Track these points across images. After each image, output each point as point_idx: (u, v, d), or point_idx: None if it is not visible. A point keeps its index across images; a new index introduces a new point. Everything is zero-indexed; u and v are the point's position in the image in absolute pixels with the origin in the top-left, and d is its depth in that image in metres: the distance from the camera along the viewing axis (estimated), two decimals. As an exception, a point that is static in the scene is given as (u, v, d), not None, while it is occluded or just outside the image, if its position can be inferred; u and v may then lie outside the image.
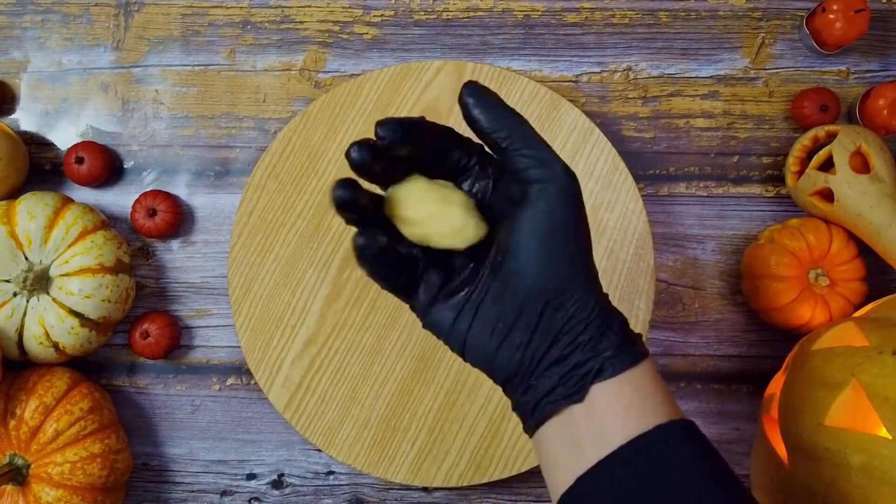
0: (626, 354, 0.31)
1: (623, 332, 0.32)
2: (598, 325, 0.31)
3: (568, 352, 0.31)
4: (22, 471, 0.54)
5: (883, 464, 0.40)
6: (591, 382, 0.31)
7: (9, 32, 0.64)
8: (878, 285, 0.59)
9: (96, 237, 0.56)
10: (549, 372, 0.32)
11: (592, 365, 0.31)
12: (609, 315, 0.32)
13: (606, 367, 0.31)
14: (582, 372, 0.31)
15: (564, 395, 0.31)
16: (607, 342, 0.31)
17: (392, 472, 0.57)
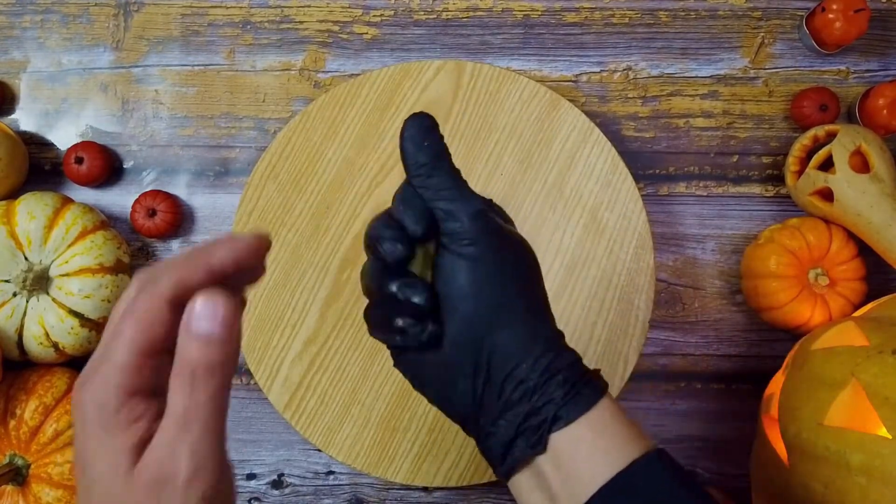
0: (580, 397, 0.30)
1: (574, 373, 0.31)
2: (543, 369, 0.30)
3: (516, 398, 0.30)
4: (22, 471, 0.54)
5: (883, 464, 0.40)
6: (549, 432, 0.30)
7: (8, 32, 0.64)
8: (878, 285, 0.59)
9: (96, 237, 0.56)
10: (504, 419, 0.31)
11: (546, 413, 0.30)
12: (555, 356, 0.31)
13: (561, 414, 0.30)
14: (537, 421, 0.30)
15: (526, 445, 0.30)
16: (556, 387, 0.30)
17: (392, 472, 0.57)
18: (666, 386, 0.61)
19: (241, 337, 0.25)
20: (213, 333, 0.24)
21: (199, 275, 0.26)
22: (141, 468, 0.24)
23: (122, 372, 0.25)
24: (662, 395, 0.61)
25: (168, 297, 0.25)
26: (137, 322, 0.25)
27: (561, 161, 0.59)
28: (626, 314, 0.57)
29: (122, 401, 0.25)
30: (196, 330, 0.24)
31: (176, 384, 0.24)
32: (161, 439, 0.24)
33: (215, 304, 0.24)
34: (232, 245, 0.27)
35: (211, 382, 0.24)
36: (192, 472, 0.24)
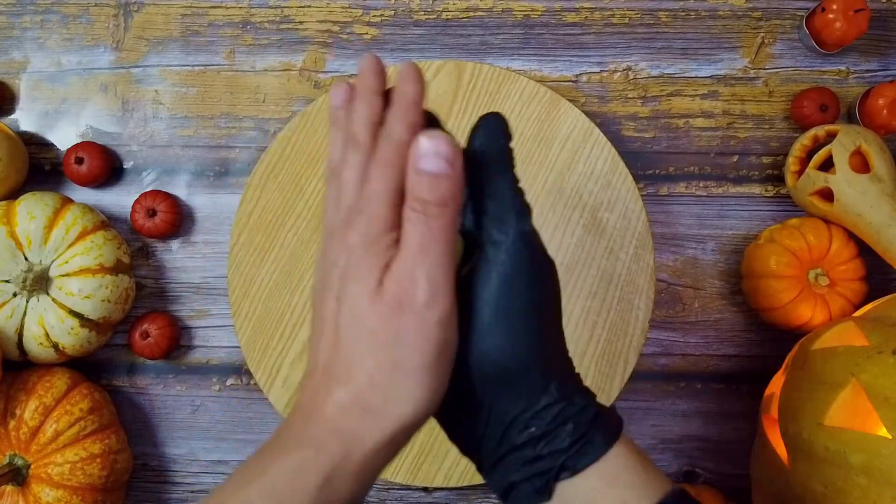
0: (590, 446, 0.28)
1: (584, 420, 0.29)
2: (553, 416, 0.28)
3: (521, 441, 0.29)
4: (22, 471, 0.54)
5: (883, 464, 0.40)
6: (555, 480, 0.28)
7: (8, 33, 0.64)
8: (878, 285, 0.59)
9: (96, 237, 0.56)
10: (509, 460, 0.29)
11: (552, 463, 0.28)
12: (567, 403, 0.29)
13: (568, 464, 0.28)
14: (543, 468, 0.28)
15: (531, 491, 0.29)
16: (564, 436, 0.28)
17: (392, 472, 0.56)
18: (666, 386, 0.61)
19: (462, 173, 0.26)
20: (441, 170, 0.26)
21: (418, 115, 0.28)
22: (385, 287, 0.27)
23: (383, 212, 0.27)
24: (662, 395, 0.61)
25: (407, 142, 0.27)
26: (388, 167, 0.27)
27: (561, 161, 0.59)
28: (626, 314, 0.57)
29: (382, 232, 0.27)
30: (425, 168, 0.26)
31: (412, 218, 0.26)
32: (401, 266, 0.27)
33: (438, 142, 0.26)
34: (419, 77, 0.29)
35: (442, 216, 0.26)
36: (429, 296, 0.26)
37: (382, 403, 0.27)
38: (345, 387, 0.27)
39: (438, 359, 0.27)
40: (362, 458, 0.27)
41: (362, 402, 0.27)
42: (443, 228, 0.26)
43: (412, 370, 0.26)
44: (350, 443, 0.27)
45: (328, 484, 0.26)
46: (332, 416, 0.27)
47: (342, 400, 0.27)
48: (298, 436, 0.27)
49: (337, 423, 0.27)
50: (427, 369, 0.26)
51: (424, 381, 0.27)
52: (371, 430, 0.27)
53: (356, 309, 0.27)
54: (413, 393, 0.27)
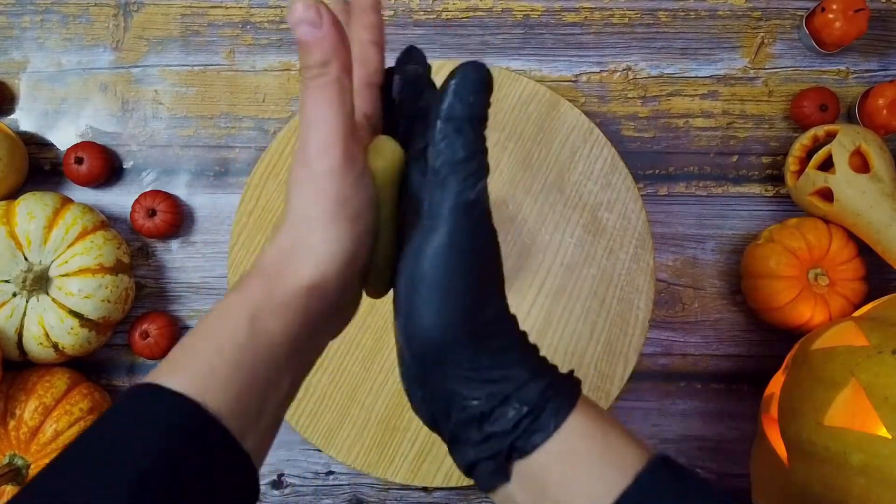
0: (537, 424, 0.27)
1: (530, 394, 0.27)
2: (491, 393, 0.27)
3: (465, 419, 0.28)
4: (22, 471, 0.54)
5: (883, 463, 0.40)
6: (508, 461, 0.27)
7: (8, 32, 0.64)
8: (878, 285, 0.59)
9: (96, 237, 0.56)
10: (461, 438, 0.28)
11: (502, 444, 0.27)
12: (505, 377, 0.27)
13: (517, 445, 0.27)
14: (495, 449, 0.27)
15: (488, 472, 0.28)
16: (509, 415, 0.27)
17: (392, 472, 0.56)
18: (666, 386, 0.61)
19: (335, 31, 0.27)
20: (308, 35, 0.26)
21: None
22: (296, 150, 0.29)
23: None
24: (662, 395, 0.61)
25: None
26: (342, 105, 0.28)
27: (561, 161, 0.59)
28: (626, 314, 0.57)
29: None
30: (299, 35, 0.27)
31: (301, 85, 0.28)
32: (300, 128, 0.28)
33: (303, 7, 0.26)
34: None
35: (323, 75, 0.27)
36: (316, 150, 0.27)
37: (297, 249, 0.28)
38: (277, 236, 0.29)
39: (336, 212, 0.28)
40: (283, 296, 0.28)
41: (285, 249, 0.28)
42: (324, 87, 0.27)
43: (313, 220, 0.28)
44: (272, 283, 0.28)
45: (254, 319, 0.27)
46: (264, 261, 0.29)
47: (273, 248, 0.29)
48: (238, 283, 0.29)
49: (265, 267, 0.29)
50: (326, 221, 0.28)
51: (326, 232, 0.28)
52: (288, 272, 0.28)
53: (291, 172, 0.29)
54: (317, 242, 0.28)
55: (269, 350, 0.27)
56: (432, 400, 0.29)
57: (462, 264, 0.27)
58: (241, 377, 0.26)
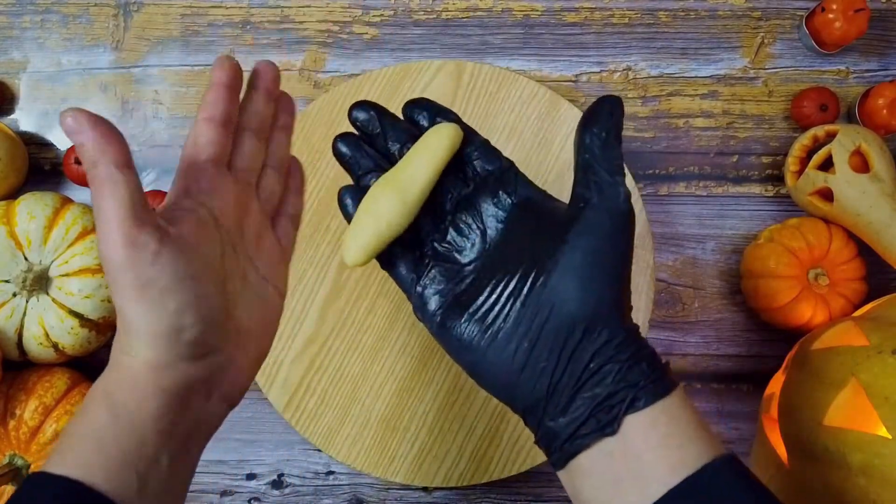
0: (659, 384, 0.31)
1: (653, 363, 0.31)
2: (629, 355, 0.31)
3: (597, 381, 0.30)
4: (22, 471, 0.54)
5: (883, 463, 0.40)
6: (625, 413, 0.30)
7: (8, 32, 0.64)
8: (878, 285, 0.59)
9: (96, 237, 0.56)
10: (577, 403, 0.30)
11: (624, 395, 0.30)
12: (639, 346, 0.32)
13: (640, 396, 0.30)
14: (613, 403, 0.30)
15: (596, 427, 0.30)
16: (638, 373, 0.31)
17: (392, 472, 0.57)
18: (666, 386, 0.61)
19: (100, 134, 0.28)
20: (77, 141, 0.28)
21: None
22: None
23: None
24: (662, 395, 0.61)
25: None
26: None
27: (561, 161, 0.59)
28: (625, 314, 0.57)
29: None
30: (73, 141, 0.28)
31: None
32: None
33: (70, 119, 0.28)
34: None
35: (95, 173, 0.28)
36: (101, 238, 0.29)
37: (122, 329, 0.30)
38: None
39: (140, 293, 0.29)
40: (129, 374, 0.31)
41: (119, 330, 0.31)
42: (98, 183, 0.28)
43: (125, 302, 0.29)
44: (119, 363, 0.31)
45: (111, 399, 0.30)
46: (113, 343, 0.32)
47: (117, 330, 0.31)
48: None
49: (113, 348, 0.32)
50: (134, 301, 0.29)
51: (136, 312, 0.29)
52: (126, 350, 0.31)
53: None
54: (133, 321, 0.29)
55: (130, 427, 0.29)
56: (567, 366, 0.31)
57: (626, 246, 0.32)
58: (112, 455, 0.29)
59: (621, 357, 0.31)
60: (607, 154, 0.32)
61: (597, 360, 0.31)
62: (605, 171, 0.32)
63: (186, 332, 0.30)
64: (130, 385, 0.30)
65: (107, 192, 0.28)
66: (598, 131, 0.33)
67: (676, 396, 0.31)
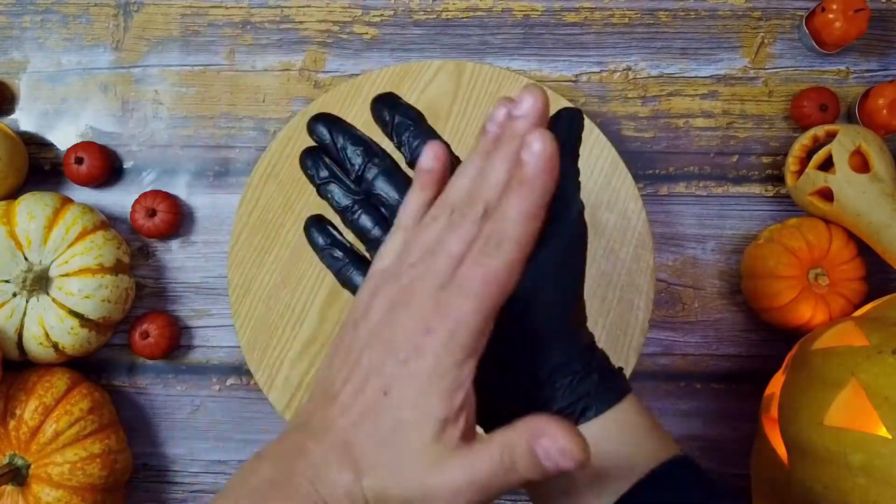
0: (609, 393, 0.30)
1: (604, 373, 0.31)
2: (581, 367, 0.30)
3: (548, 394, 0.30)
4: (22, 471, 0.54)
5: (883, 463, 0.40)
6: (577, 424, 0.30)
7: (8, 32, 0.64)
8: (878, 285, 0.59)
9: (96, 237, 0.56)
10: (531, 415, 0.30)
11: (574, 408, 0.30)
12: (591, 357, 0.31)
13: (590, 406, 0.30)
14: (564, 415, 0.30)
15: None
16: (589, 384, 0.30)
17: (392, 472, 0.56)
18: (666, 386, 0.61)
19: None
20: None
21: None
22: (445, 442, 0.28)
23: (473, 329, 0.27)
24: (662, 395, 0.61)
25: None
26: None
27: (561, 161, 0.59)
28: (626, 314, 0.57)
29: (464, 359, 0.28)
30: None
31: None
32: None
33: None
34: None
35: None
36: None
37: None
38: (355, 478, 0.27)
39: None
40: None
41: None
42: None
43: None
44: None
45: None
46: (339, 494, 0.27)
47: (348, 490, 0.27)
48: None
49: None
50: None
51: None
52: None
53: (400, 436, 0.26)
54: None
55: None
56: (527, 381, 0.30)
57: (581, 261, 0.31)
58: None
59: (573, 370, 0.30)
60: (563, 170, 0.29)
61: (551, 378, 0.30)
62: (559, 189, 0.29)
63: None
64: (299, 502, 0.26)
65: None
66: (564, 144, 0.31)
67: (628, 402, 0.31)
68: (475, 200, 0.28)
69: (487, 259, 0.26)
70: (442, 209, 0.29)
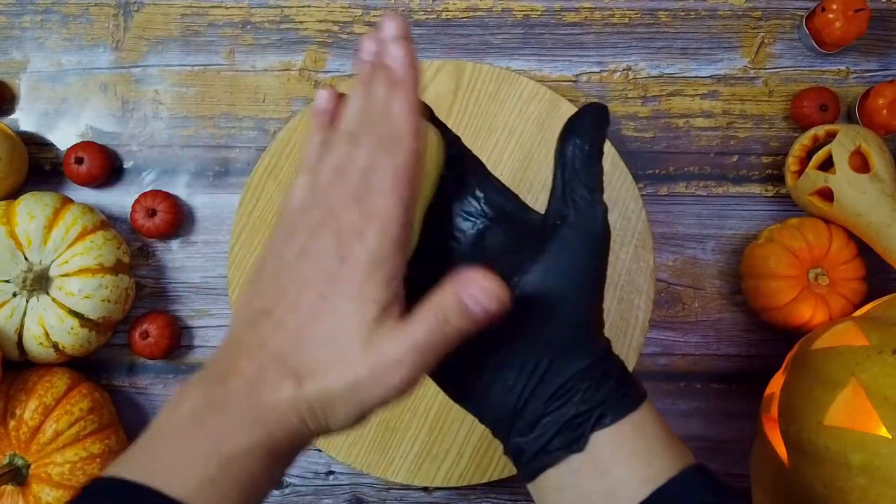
0: (626, 399, 0.30)
1: (621, 379, 0.31)
2: (599, 374, 0.30)
3: (565, 400, 0.30)
4: (22, 471, 0.54)
5: (883, 463, 0.40)
6: (591, 431, 0.29)
7: (8, 32, 0.64)
8: (878, 285, 0.59)
9: (96, 237, 0.56)
10: (545, 421, 0.30)
11: (591, 413, 0.30)
12: (609, 364, 0.31)
13: (606, 413, 0.30)
14: (580, 420, 0.30)
15: (563, 444, 0.30)
16: (606, 390, 0.30)
17: (392, 472, 0.57)
18: (666, 386, 0.61)
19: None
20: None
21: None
22: (373, 339, 0.29)
23: (398, 224, 0.29)
24: (662, 395, 0.61)
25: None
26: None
27: (561, 161, 0.59)
28: (626, 314, 0.57)
29: (391, 254, 0.29)
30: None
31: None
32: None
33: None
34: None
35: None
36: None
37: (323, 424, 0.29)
38: (296, 386, 0.27)
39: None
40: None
41: (310, 411, 0.28)
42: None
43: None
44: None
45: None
46: (281, 405, 0.27)
47: (290, 400, 0.27)
48: (245, 410, 0.27)
49: (284, 419, 0.28)
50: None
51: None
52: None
53: (340, 330, 0.28)
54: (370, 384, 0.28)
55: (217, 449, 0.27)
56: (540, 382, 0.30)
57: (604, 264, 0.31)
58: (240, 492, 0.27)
59: (591, 376, 0.30)
60: (589, 169, 0.31)
61: (567, 382, 0.30)
62: (584, 188, 0.31)
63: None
64: (238, 418, 0.27)
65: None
66: (581, 143, 0.31)
67: (644, 410, 0.31)
68: (369, 119, 0.31)
69: (392, 158, 0.29)
70: (339, 136, 0.31)
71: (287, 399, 0.27)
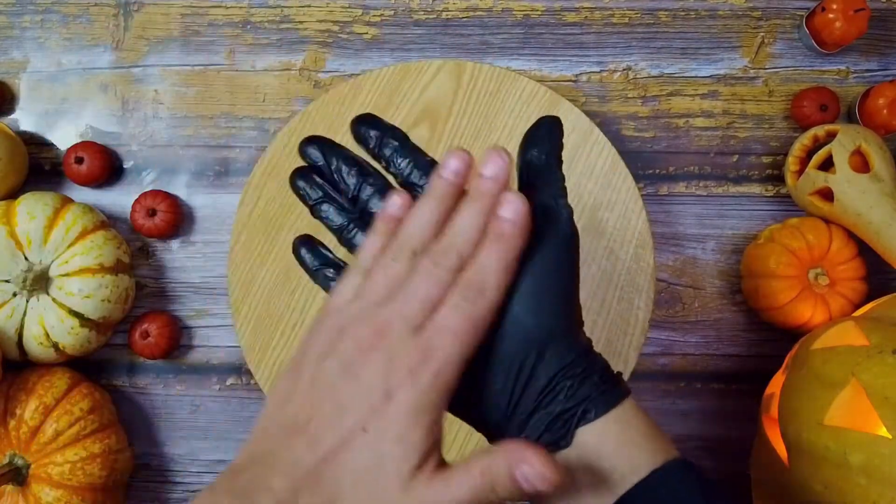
0: (609, 395, 0.31)
1: (604, 375, 0.31)
2: (581, 371, 0.31)
3: (551, 399, 0.30)
4: (22, 471, 0.54)
5: (883, 463, 0.40)
6: (576, 426, 0.30)
7: (8, 32, 0.64)
8: (878, 285, 0.59)
9: (96, 237, 0.56)
10: (533, 420, 0.31)
11: (576, 410, 0.30)
12: (591, 361, 0.32)
13: (590, 409, 0.30)
14: (566, 417, 0.30)
15: (550, 441, 0.30)
16: (589, 386, 0.31)
17: (392, 472, 0.56)
18: (666, 386, 0.61)
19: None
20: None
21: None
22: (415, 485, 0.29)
23: (454, 363, 0.29)
24: (662, 395, 0.61)
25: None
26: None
27: (561, 161, 0.59)
28: (626, 314, 0.57)
29: (438, 402, 0.30)
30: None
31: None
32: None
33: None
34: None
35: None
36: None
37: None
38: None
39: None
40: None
41: None
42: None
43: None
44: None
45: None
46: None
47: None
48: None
49: None
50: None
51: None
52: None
53: (379, 470, 0.27)
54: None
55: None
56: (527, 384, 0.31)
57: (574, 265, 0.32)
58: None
59: (574, 374, 0.31)
60: (549, 177, 0.32)
61: (551, 381, 0.31)
62: (547, 195, 0.32)
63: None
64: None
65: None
66: (539, 154, 0.33)
67: (628, 405, 0.31)
68: (448, 250, 0.30)
69: (470, 304, 0.29)
70: (399, 251, 0.31)
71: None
